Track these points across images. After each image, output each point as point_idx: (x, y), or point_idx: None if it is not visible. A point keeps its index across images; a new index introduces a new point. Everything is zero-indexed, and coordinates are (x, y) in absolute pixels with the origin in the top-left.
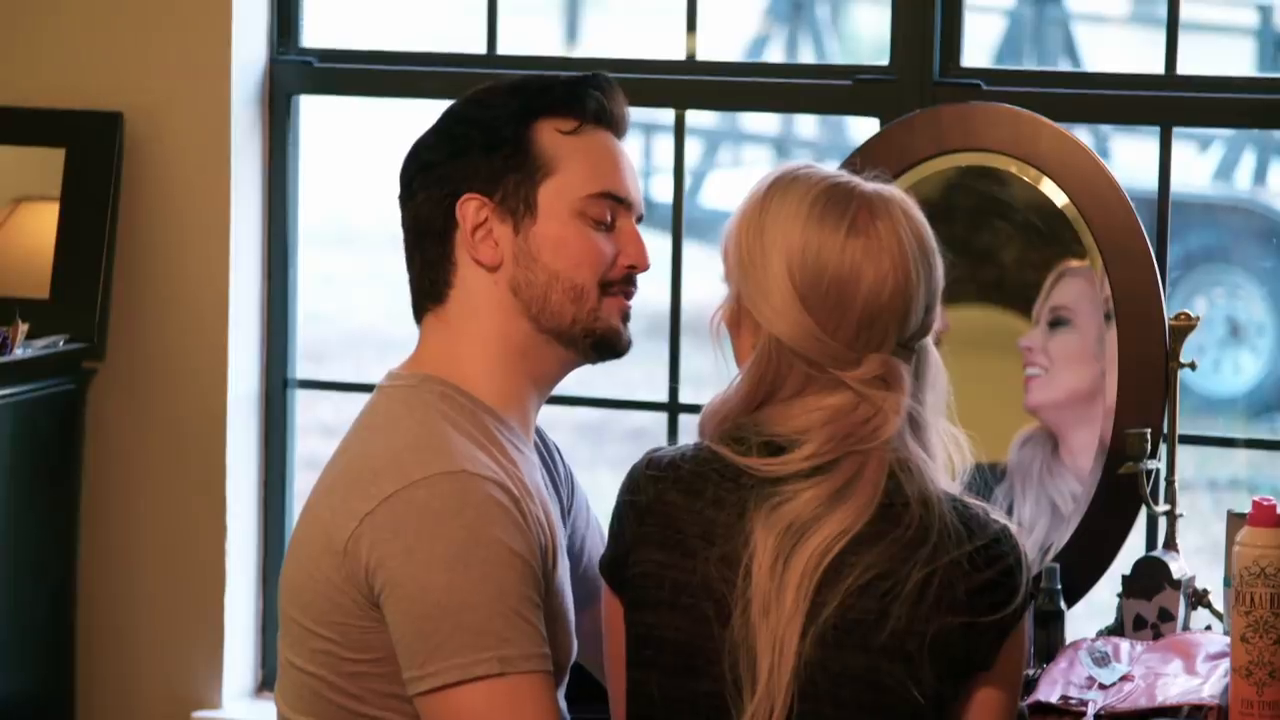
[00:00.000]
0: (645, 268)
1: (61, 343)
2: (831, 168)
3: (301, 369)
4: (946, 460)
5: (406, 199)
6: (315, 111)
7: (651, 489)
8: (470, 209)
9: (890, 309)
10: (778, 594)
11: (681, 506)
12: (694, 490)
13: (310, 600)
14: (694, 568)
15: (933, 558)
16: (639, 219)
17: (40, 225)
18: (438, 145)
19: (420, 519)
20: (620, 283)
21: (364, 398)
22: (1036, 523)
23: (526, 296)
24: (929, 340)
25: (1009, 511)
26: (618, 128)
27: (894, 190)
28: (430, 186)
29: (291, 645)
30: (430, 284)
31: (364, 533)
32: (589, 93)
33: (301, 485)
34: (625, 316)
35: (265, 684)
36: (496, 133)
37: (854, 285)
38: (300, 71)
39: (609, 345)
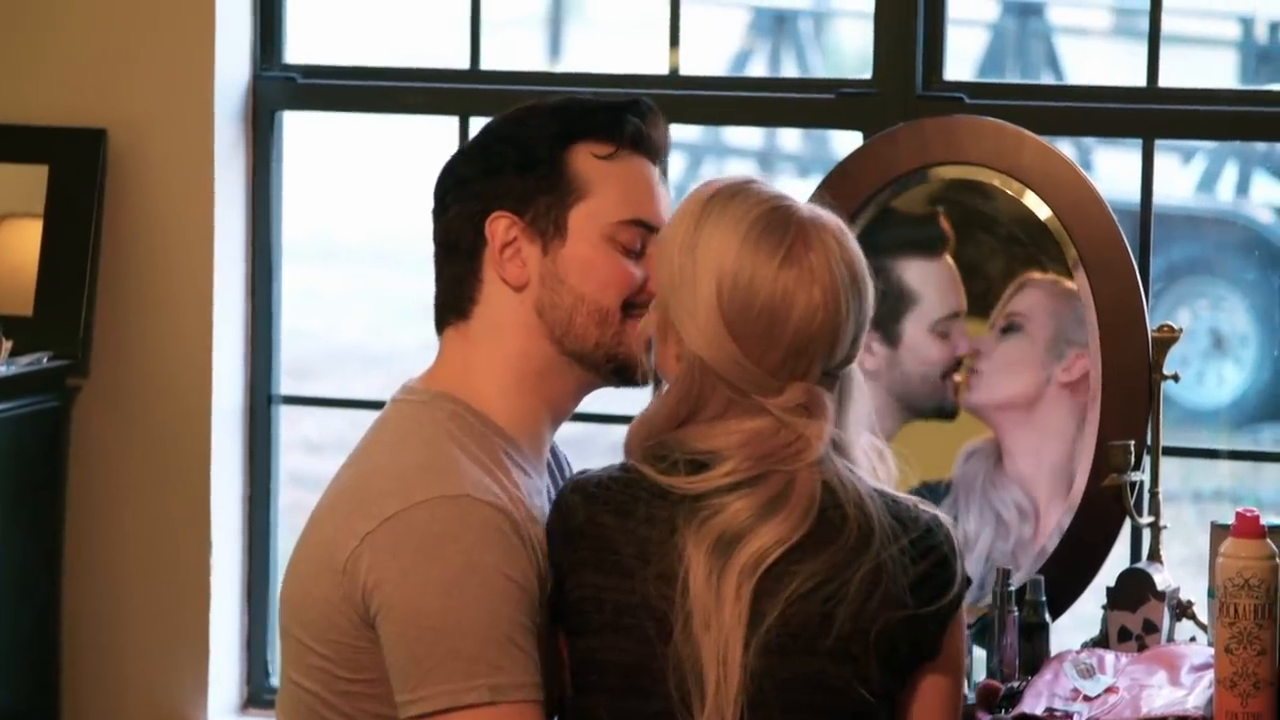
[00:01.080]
0: None
1: (45, 360)
2: (770, 186)
3: (285, 385)
4: (871, 472)
5: (439, 212)
6: (299, 127)
7: (581, 512)
8: (500, 227)
9: (819, 340)
10: (716, 607)
11: (614, 527)
12: (625, 510)
13: (309, 617)
14: (633, 588)
15: (874, 558)
16: None
17: (24, 242)
18: (473, 160)
19: (419, 542)
20: (643, 306)
21: (348, 414)
22: (980, 533)
23: (551, 318)
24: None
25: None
26: (656, 154)
27: (830, 216)
28: (462, 201)
29: (290, 660)
30: (455, 299)
31: (363, 552)
32: (627, 118)
33: (286, 501)
34: (648, 346)
35: (251, 699)
36: (532, 152)
37: (784, 315)
38: (284, 87)
39: (628, 372)
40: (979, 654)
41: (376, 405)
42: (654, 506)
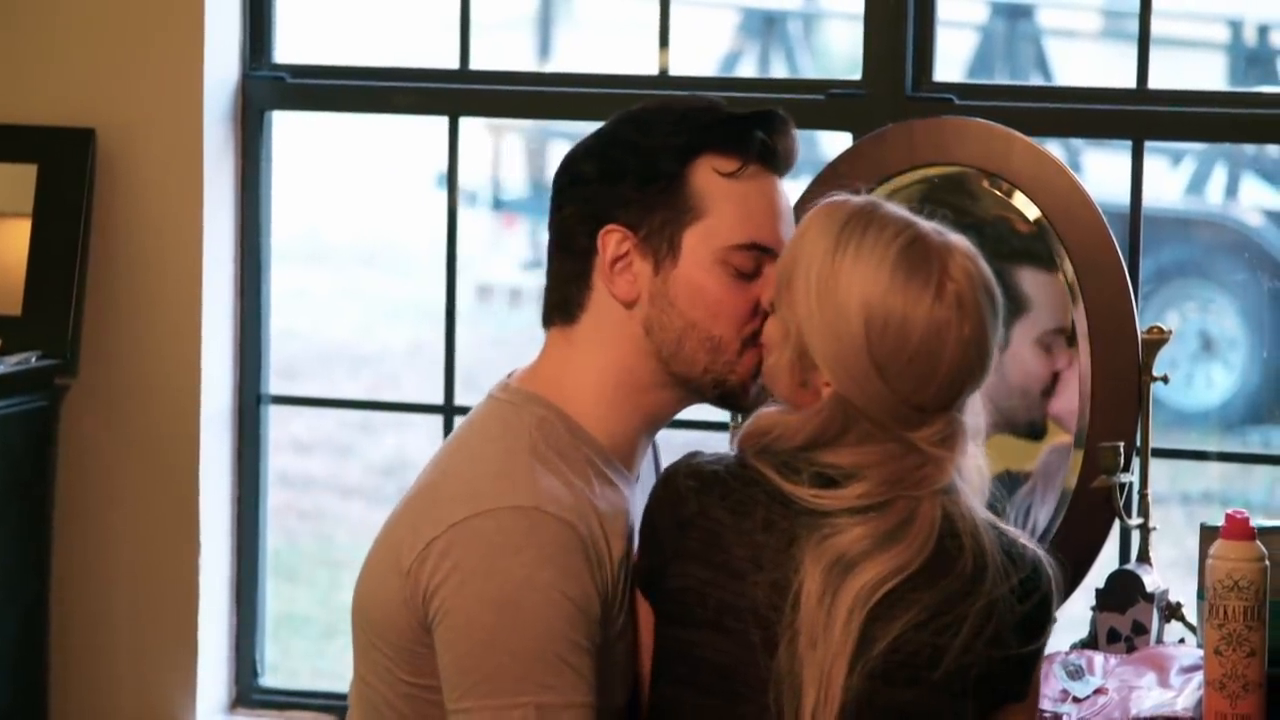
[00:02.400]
0: None
1: (34, 359)
2: (892, 206)
3: (274, 385)
4: (973, 485)
5: (555, 206)
6: (288, 127)
7: (694, 502)
8: (612, 240)
9: (972, 373)
10: (826, 627)
11: (729, 526)
12: (742, 511)
13: (376, 616)
14: (742, 590)
15: (988, 594)
16: None
17: (13, 242)
18: (593, 161)
19: (482, 552)
20: (757, 334)
21: (337, 414)
22: (1052, 525)
23: (659, 339)
24: None
25: (1026, 513)
26: (781, 167)
27: (957, 238)
28: (578, 203)
29: (360, 655)
30: (563, 300)
31: (427, 557)
32: (754, 133)
33: (274, 501)
34: (758, 372)
35: (239, 699)
36: (654, 166)
37: (938, 354)
38: (273, 87)
39: (734, 399)
40: None
41: (365, 405)
42: (774, 513)
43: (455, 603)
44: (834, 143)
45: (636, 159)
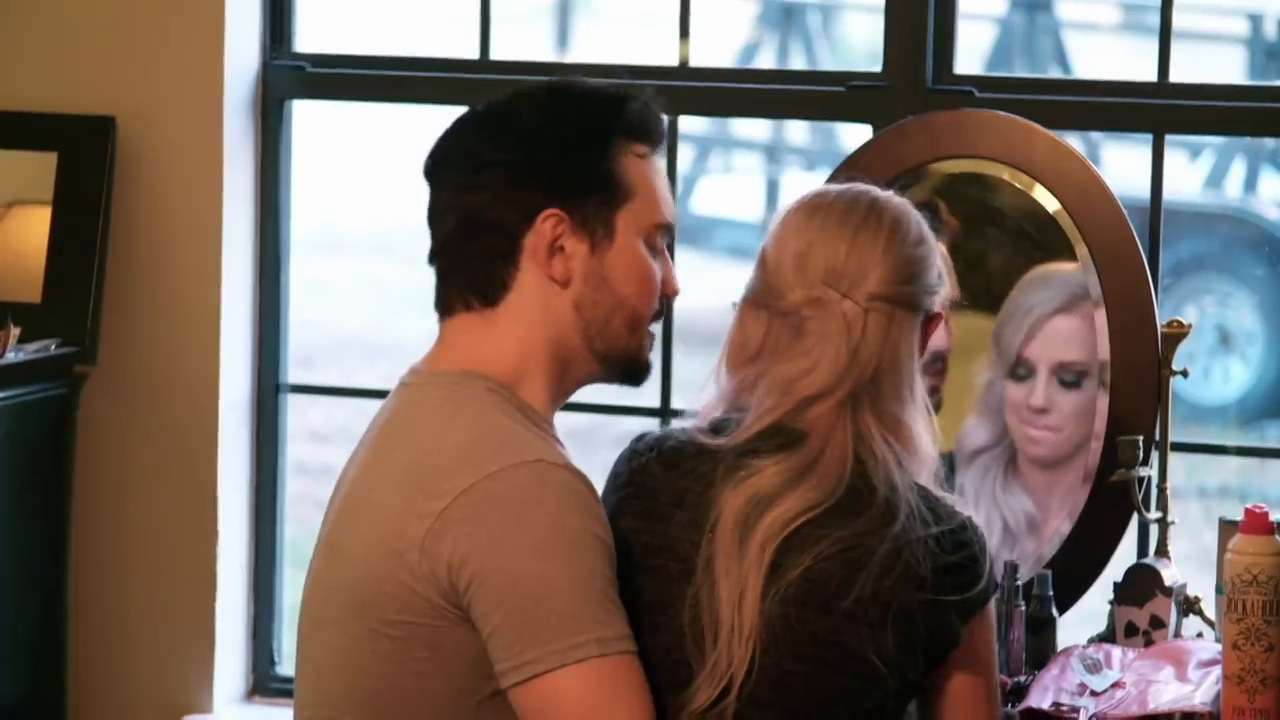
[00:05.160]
0: (678, 295)
1: (53, 347)
2: (887, 193)
3: (292, 374)
4: (928, 459)
5: (468, 185)
6: (308, 116)
7: (635, 462)
8: (549, 225)
9: (831, 259)
10: (739, 556)
11: (659, 477)
12: (672, 463)
13: (376, 602)
14: (663, 531)
15: (899, 535)
16: None
17: (32, 229)
18: (516, 146)
19: (503, 510)
20: (660, 311)
21: (354, 402)
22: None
23: (589, 316)
24: (915, 355)
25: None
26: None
27: (912, 209)
28: (505, 186)
29: (354, 649)
30: (485, 283)
31: (442, 529)
32: (658, 117)
33: (293, 490)
34: (652, 347)
35: (256, 687)
36: (584, 151)
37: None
38: (293, 76)
39: (636, 375)
40: None
41: (382, 395)
42: (699, 463)
43: (492, 564)
44: (854, 135)
45: (563, 145)
